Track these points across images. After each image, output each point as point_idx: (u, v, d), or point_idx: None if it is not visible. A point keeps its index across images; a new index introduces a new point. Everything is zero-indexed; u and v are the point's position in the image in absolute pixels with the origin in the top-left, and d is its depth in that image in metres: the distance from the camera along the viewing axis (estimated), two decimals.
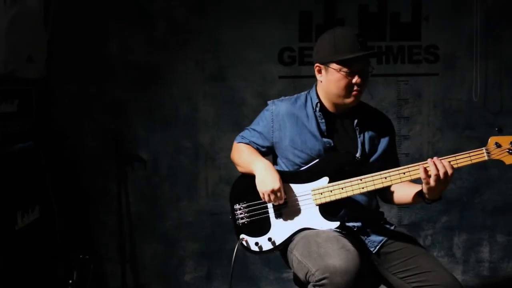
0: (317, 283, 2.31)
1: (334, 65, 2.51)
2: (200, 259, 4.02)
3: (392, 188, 2.67)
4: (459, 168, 3.91)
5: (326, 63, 2.55)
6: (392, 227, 2.73)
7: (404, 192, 2.63)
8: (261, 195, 2.59)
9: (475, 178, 4.06)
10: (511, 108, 4.01)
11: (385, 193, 2.71)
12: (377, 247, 2.63)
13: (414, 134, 4.01)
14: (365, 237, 2.65)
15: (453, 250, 4.10)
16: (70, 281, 3.35)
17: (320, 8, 3.90)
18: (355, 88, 2.53)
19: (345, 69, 2.50)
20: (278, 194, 2.55)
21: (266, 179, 2.57)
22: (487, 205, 4.09)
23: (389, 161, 2.65)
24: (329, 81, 2.56)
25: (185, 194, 3.97)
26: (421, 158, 3.88)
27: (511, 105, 4.01)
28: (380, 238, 2.65)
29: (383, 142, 2.70)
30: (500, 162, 3.99)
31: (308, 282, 2.39)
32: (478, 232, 4.10)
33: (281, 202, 2.59)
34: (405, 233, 2.72)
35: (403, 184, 2.60)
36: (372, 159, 2.66)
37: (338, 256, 2.32)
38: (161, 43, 3.88)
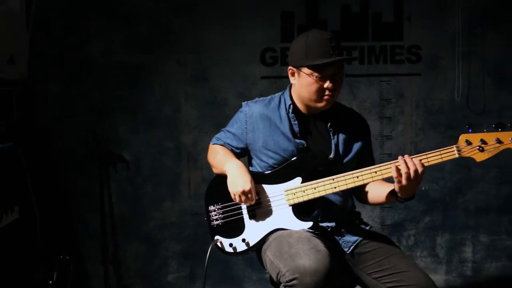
0: (288, 283, 2.32)
1: (306, 70, 2.52)
2: (183, 259, 4.02)
3: (366, 188, 2.69)
4: (441, 168, 4.00)
5: (298, 67, 2.56)
6: (368, 227, 2.74)
7: (377, 192, 2.64)
8: (232, 195, 2.60)
9: (458, 178, 4.05)
10: (493, 108, 4.00)
11: (360, 193, 2.72)
12: (351, 248, 2.63)
13: (396, 134, 4.01)
14: (339, 237, 2.65)
15: (436, 250, 4.10)
16: (50, 282, 3.35)
17: (302, 8, 3.90)
18: (327, 92, 2.53)
19: (316, 74, 2.49)
20: (249, 195, 2.56)
21: (237, 180, 2.58)
22: (470, 205, 4.08)
23: (365, 161, 2.64)
24: (301, 85, 2.57)
25: (168, 194, 3.98)
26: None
27: (494, 105, 4.00)
28: (355, 238, 2.65)
29: (358, 143, 2.70)
30: (483, 162, 4.02)
31: (280, 283, 2.39)
32: (461, 232, 4.09)
33: (252, 203, 2.60)
34: (380, 233, 2.73)
35: (377, 183, 2.62)
36: (346, 159, 2.66)
37: (308, 256, 2.32)
38: (144, 44, 3.90)
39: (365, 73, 3.96)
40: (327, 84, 2.51)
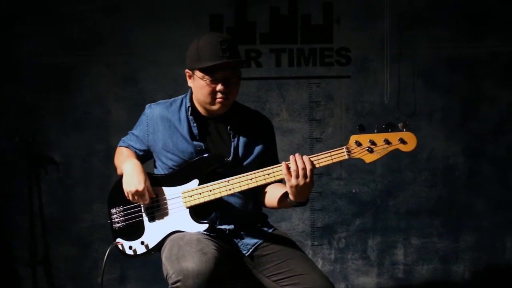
0: (173, 285, 2.34)
1: (198, 73, 2.53)
2: (113, 261, 3.99)
3: (266, 190, 2.68)
4: (371, 171, 4.00)
5: (192, 70, 2.57)
6: (271, 230, 2.74)
7: (273, 194, 2.63)
8: (126, 194, 2.61)
9: (389, 181, 4.06)
10: (424, 110, 4.02)
11: (259, 196, 2.71)
12: (250, 250, 2.62)
13: (326, 136, 4.02)
14: (238, 240, 2.65)
15: (367, 253, 4.10)
16: None
17: (231, 10, 3.91)
18: (220, 95, 2.53)
19: (207, 77, 2.51)
20: (142, 195, 2.57)
21: (132, 180, 2.59)
22: (401, 207, 4.08)
23: (267, 164, 2.62)
24: (196, 88, 2.59)
25: (98, 196, 3.97)
26: None
27: (425, 107, 4.02)
28: (254, 241, 2.64)
29: (260, 146, 2.70)
30: (413, 165, 4.05)
31: (168, 284, 2.40)
32: (392, 235, 4.10)
33: (146, 202, 2.60)
34: (283, 236, 2.73)
35: (276, 186, 2.62)
36: (246, 162, 2.66)
37: (193, 258, 2.33)
38: (73, 46, 3.91)
39: (294, 75, 3.97)
40: (219, 87, 2.52)
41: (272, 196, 2.63)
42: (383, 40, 3.95)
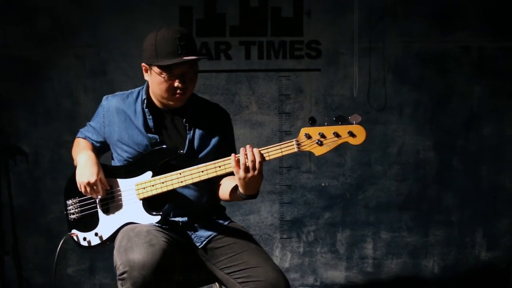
0: (120, 276, 2.34)
1: (156, 69, 2.52)
2: (82, 252, 4.01)
3: (220, 183, 2.68)
4: (341, 164, 4.00)
5: (149, 65, 2.56)
6: (226, 223, 2.74)
7: (225, 187, 2.63)
8: (78, 186, 2.61)
9: (358, 175, 4.05)
10: (394, 104, 4.00)
11: (214, 188, 2.71)
12: (204, 242, 2.63)
13: (295, 130, 4.00)
14: (192, 232, 2.65)
15: (336, 247, 4.10)
16: None
17: (201, 2, 3.89)
18: (178, 91, 2.53)
19: (165, 74, 2.50)
20: (95, 187, 2.57)
21: (84, 172, 2.60)
22: (371, 201, 4.08)
23: (224, 156, 2.62)
24: (153, 83, 2.58)
25: None
26: (303, 154, 3.89)
27: (395, 101, 4.00)
28: (208, 233, 2.65)
29: (216, 138, 2.69)
30: (383, 159, 4.04)
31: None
32: (361, 229, 4.10)
33: (100, 195, 2.60)
34: (238, 229, 2.73)
35: (229, 179, 2.61)
36: (201, 154, 2.65)
37: (139, 250, 2.33)
38: (42, 37, 3.89)
39: (264, 68, 3.95)
40: (177, 83, 2.51)
41: (224, 189, 2.63)
42: (353, 34, 3.93)
